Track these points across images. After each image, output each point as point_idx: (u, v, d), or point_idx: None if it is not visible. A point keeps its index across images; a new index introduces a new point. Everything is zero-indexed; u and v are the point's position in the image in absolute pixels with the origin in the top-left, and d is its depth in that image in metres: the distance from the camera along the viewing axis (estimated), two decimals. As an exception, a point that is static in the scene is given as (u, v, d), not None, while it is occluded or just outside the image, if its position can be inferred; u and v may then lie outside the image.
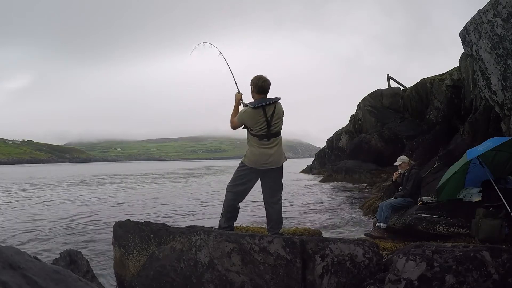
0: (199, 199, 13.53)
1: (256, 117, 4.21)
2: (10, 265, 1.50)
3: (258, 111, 4.21)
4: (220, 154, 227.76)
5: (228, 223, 4.54)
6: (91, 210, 11.13)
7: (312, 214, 9.66)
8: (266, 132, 4.23)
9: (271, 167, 4.34)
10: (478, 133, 10.01)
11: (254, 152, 4.29)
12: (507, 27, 6.88)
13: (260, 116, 4.21)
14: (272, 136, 4.28)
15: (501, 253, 2.76)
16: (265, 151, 4.26)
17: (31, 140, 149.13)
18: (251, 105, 4.25)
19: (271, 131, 4.25)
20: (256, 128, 4.24)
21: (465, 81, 13.59)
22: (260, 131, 4.24)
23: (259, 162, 4.29)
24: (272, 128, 4.25)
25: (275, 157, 4.32)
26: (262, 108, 4.21)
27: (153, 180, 26.53)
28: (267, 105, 4.22)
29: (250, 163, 4.33)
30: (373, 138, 17.74)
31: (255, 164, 4.31)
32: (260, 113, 4.20)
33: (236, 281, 3.16)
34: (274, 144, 4.30)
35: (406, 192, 6.40)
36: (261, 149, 4.26)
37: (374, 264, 3.12)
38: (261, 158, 4.27)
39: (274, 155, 4.29)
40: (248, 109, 4.28)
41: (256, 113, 4.21)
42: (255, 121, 4.22)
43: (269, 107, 4.23)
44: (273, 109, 4.25)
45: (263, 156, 4.26)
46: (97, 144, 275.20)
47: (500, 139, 5.49)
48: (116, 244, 4.30)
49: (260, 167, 4.32)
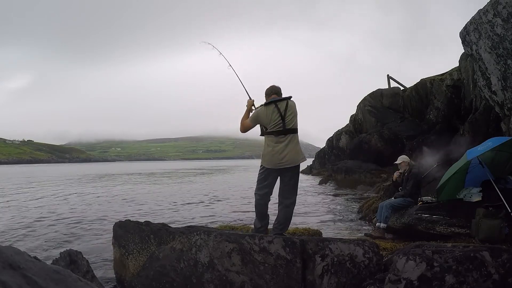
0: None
1: (270, 113, 4.33)
2: (10, 265, 1.50)
3: (270, 107, 4.34)
4: (220, 154, 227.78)
5: (261, 223, 4.68)
6: (91, 210, 11.14)
7: (312, 214, 9.66)
8: (281, 127, 4.32)
9: (287, 165, 4.37)
10: (478, 133, 10.01)
11: (270, 152, 4.38)
12: (507, 27, 6.88)
13: (273, 112, 4.33)
14: (289, 132, 4.34)
15: (501, 253, 2.76)
16: (279, 149, 4.31)
17: (31, 140, 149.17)
18: (264, 104, 4.44)
19: (286, 126, 4.32)
20: (271, 124, 4.34)
21: (465, 81, 13.59)
22: (275, 127, 4.33)
23: (273, 162, 4.37)
24: (287, 123, 4.33)
25: (290, 155, 4.34)
26: (274, 104, 4.34)
27: (169, 178, 26.53)
28: (279, 101, 4.36)
29: (267, 164, 4.44)
30: (373, 138, 17.73)
31: (271, 164, 4.40)
32: (273, 109, 4.33)
33: (236, 281, 3.16)
34: (290, 141, 4.34)
35: (406, 192, 6.40)
36: (275, 148, 4.32)
37: (374, 264, 3.12)
38: (275, 158, 4.34)
39: (289, 153, 4.32)
40: (260, 107, 4.44)
41: (269, 109, 4.34)
42: (269, 117, 4.33)
43: (281, 103, 4.36)
44: (285, 105, 4.36)
45: (277, 155, 4.33)
46: (97, 144, 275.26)
47: (500, 139, 5.49)
48: (116, 244, 4.31)
49: (276, 166, 4.39)
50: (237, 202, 12.77)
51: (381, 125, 19.15)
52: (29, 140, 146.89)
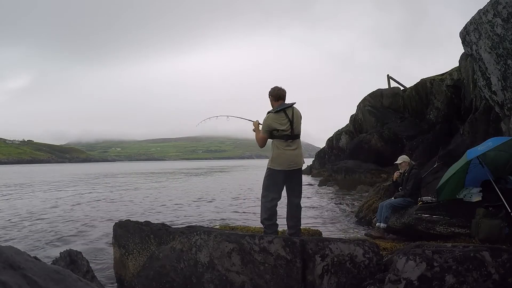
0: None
1: (280, 119, 4.58)
2: (10, 265, 1.50)
3: (280, 114, 4.59)
4: (220, 154, 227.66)
5: (272, 220, 4.68)
6: (91, 210, 11.14)
7: (312, 214, 9.66)
8: (290, 133, 4.58)
9: (296, 167, 4.65)
10: (478, 133, 10.00)
11: (281, 155, 4.57)
12: (507, 27, 6.88)
13: (283, 118, 4.58)
14: (295, 137, 4.63)
15: (501, 253, 2.76)
16: (290, 152, 4.58)
17: (31, 140, 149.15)
18: (272, 110, 4.63)
19: (294, 131, 4.60)
20: (282, 128, 4.57)
21: (465, 81, 13.59)
22: (285, 132, 4.57)
23: (286, 164, 4.57)
24: (294, 128, 4.60)
25: (299, 158, 4.66)
26: (283, 111, 4.60)
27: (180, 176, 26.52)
28: (287, 108, 4.62)
29: (278, 166, 4.59)
30: (373, 138, 17.73)
31: (283, 166, 4.58)
32: (282, 116, 4.59)
33: (236, 281, 3.16)
34: (297, 146, 4.65)
35: (406, 192, 6.40)
36: (287, 151, 4.57)
37: (374, 264, 3.12)
38: (288, 159, 4.57)
39: (297, 156, 4.63)
40: (270, 114, 4.64)
41: (279, 116, 4.59)
42: (279, 122, 4.57)
43: (289, 110, 4.63)
44: (292, 111, 4.64)
45: (290, 157, 4.57)
46: (97, 144, 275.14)
47: (500, 139, 5.49)
48: (116, 244, 4.31)
49: (287, 168, 4.59)
50: (236, 201, 12.77)
51: (381, 125, 19.15)
52: (29, 140, 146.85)
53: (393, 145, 16.76)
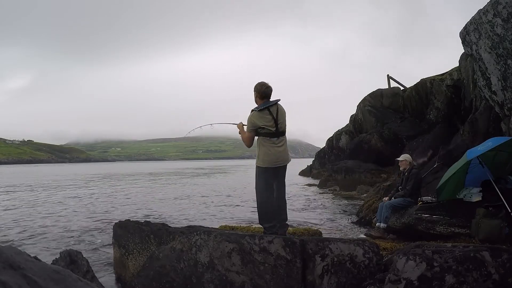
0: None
1: (264, 117, 4.54)
2: (10, 265, 1.50)
3: (264, 112, 4.56)
4: (220, 154, 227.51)
5: (273, 222, 4.62)
6: (91, 210, 11.14)
7: (312, 214, 9.66)
8: (275, 130, 4.55)
9: (282, 164, 4.64)
10: (478, 133, 9.99)
11: (267, 152, 4.55)
12: (507, 27, 6.87)
13: (267, 116, 4.55)
14: (280, 134, 4.59)
15: (501, 253, 2.76)
16: (276, 149, 4.56)
17: (31, 140, 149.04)
18: (256, 109, 4.58)
19: (278, 129, 4.57)
20: (266, 126, 4.54)
21: (465, 81, 13.58)
22: (270, 130, 4.55)
23: (273, 161, 4.56)
24: (279, 126, 4.57)
25: (285, 155, 4.64)
26: (267, 109, 4.56)
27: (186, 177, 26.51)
28: (271, 106, 4.58)
29: (266, 164, 4.58)
30: (373, 138, 17.72)
31: (270, 163, 4.56)
32: (266, 114, 4.55)
33: (236, 281, 3.16)
34: (283, 143, 4.63)
35: (406, 192, 6.39)
36: (273, 148, 4.55)
37: (374, 264, 3.12)
38: (274, 157, 4.55)
39: (283, 152, 4.61)
40: (254, 112, 4.59)
41: (263, 114, 4.55)
42: (263, 120, 4.54)
43: (273, 108, 4.59)
44: (276, 108, 4.60)
45: (276, 154, 4.55)
46: (97, 144, 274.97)
47: (500, 139, 5.49)
48: (116, 244, 4.31)
49: (274, 165, 4.58)
50: (236, 201, 12.77)
51: (381, 125, 19.13)
52: (29, 140, 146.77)
53: (393, 145, 16.75)
